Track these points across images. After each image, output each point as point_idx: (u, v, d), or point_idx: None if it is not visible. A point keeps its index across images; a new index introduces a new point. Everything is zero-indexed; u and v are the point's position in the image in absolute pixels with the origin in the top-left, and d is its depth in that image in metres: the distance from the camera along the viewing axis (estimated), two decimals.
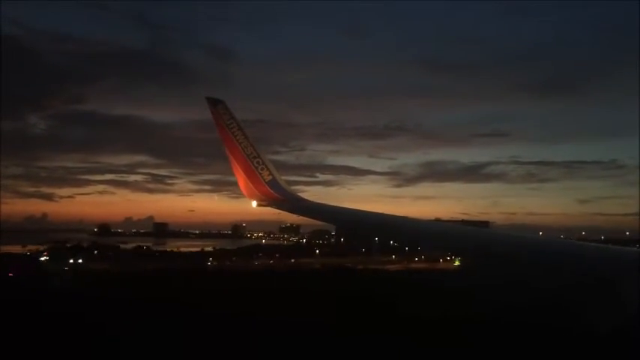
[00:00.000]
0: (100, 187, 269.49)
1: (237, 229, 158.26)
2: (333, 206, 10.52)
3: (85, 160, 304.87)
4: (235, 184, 10.16)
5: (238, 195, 10.16)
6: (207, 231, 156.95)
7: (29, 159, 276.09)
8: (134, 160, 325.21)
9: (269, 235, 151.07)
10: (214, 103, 9.98)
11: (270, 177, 10.11)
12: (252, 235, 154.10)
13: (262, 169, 10.09)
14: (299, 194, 10.51)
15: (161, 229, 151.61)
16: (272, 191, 10.09)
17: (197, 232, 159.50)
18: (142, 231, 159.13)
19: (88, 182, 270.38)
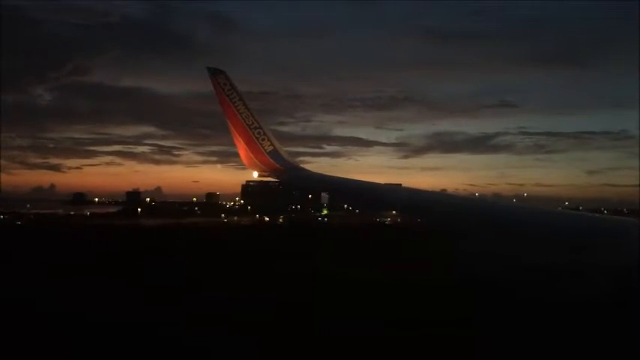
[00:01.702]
0: (108, 159, 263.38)
1: (210, 198, 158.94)
2: (331, 176, 10.72)
3: (92, 131, 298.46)
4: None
5: (243, 167, 10.26)
6: (188, 199, 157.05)
7: (36, 130, 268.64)
8: (140, 131, 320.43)
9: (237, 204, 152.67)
10: (215, 73, 9.94)
11: (271, 147, 10.20)
12: (226, 203, 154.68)
13: (263, 139, 10.15)
14: (301, 165, 10.65)
15: (133, 198, 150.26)
16: (273, 161, 10.19)
17: (171, 200, 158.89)
18: (113, 201, 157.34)
19: (96, 153, 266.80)
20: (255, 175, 10.31)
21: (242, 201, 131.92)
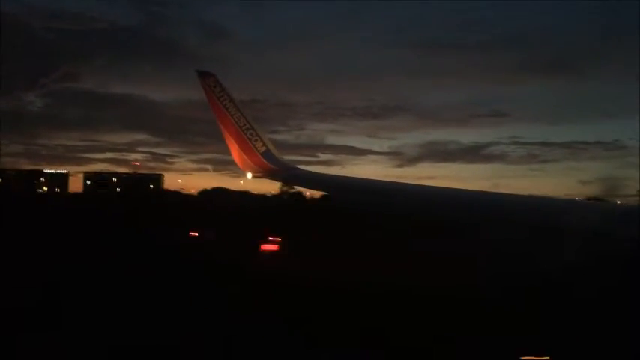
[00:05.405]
0: (101, 166, 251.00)
1: None
2: (324, 174, 10.76)
3: (84, 138, 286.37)
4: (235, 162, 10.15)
5: (239, 175, 10.21)
6: None
7: (28, 137, 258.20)
8: (133, 138, 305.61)
9: None
10: (204, 75, 9.83)
11: (264, 148, 10.13)
12: None
13: (256, 140, 10.07)
14: (293, 165, 10.64)
15: None
16: (266, 162, 10.12)
17: None
18: None
19: (89, 160, 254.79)
20: (248, 176, 10.24)
21: None
